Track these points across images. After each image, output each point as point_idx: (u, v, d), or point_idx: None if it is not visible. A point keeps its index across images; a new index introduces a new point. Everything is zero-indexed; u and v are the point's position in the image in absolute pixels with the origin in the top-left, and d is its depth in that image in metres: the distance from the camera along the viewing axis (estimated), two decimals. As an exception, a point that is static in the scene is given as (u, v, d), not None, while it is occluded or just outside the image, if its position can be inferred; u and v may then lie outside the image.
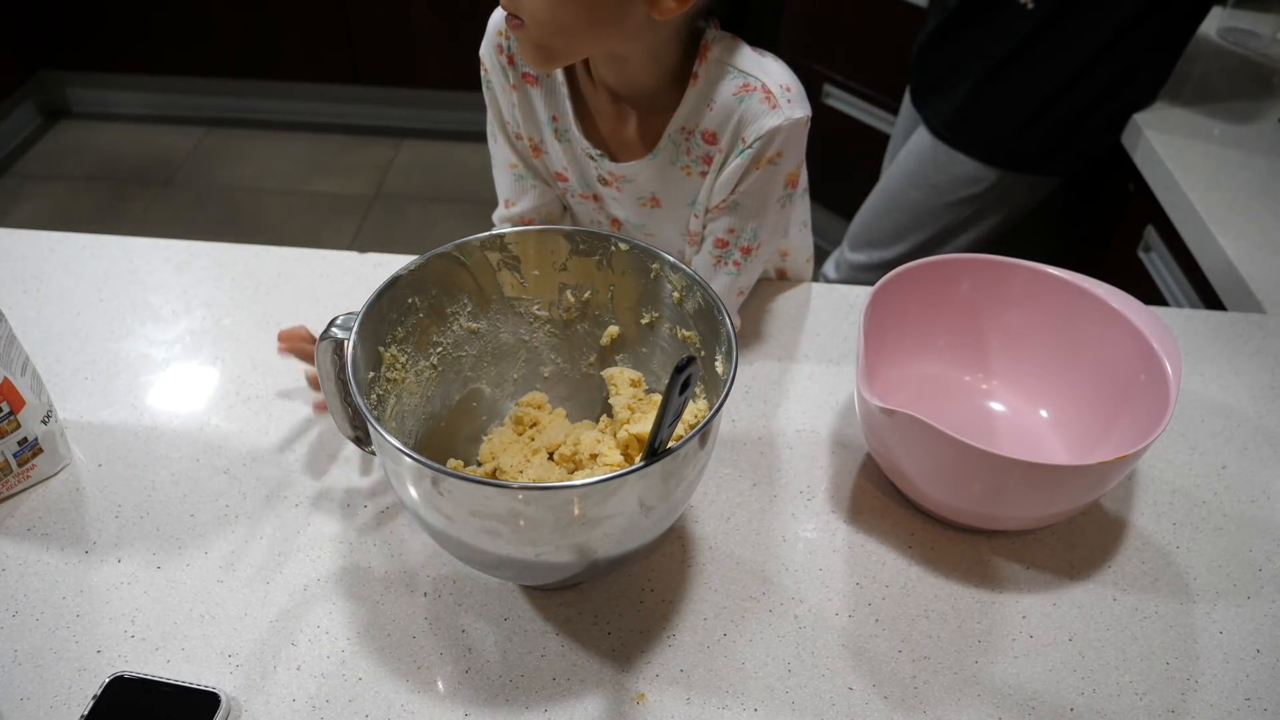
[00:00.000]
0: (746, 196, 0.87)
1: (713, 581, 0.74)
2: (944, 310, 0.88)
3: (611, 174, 0.93)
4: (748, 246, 0.90)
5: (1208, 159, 1.33)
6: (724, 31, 0.87)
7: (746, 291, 0.95)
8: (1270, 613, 0.74)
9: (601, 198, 0.99)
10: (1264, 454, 0.87)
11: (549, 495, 0.58)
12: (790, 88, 0.85)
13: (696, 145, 0.88)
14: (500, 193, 1.04)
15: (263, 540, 0.76)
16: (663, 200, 0.95)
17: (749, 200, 0.87)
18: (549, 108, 0.93)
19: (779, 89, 0.83)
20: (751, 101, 0.84)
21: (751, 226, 0.89)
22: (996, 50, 1.40)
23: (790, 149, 0.85)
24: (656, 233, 1.01)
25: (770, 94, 0.83)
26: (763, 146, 0.84)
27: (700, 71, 0.85)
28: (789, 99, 0.84)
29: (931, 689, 0.68)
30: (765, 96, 0.83)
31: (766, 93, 0.83)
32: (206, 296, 1.01)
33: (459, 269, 0.74)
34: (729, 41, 0.86)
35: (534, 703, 0.66)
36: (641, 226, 1.00)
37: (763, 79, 0.84)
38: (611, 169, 0.93)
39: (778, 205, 0.89)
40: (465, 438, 0.79)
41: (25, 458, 0.77)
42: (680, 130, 0.88)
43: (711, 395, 0.70)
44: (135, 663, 0.67)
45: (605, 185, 0.96)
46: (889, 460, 0.77)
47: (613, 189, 0.96)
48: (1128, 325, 0.79)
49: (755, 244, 0.90)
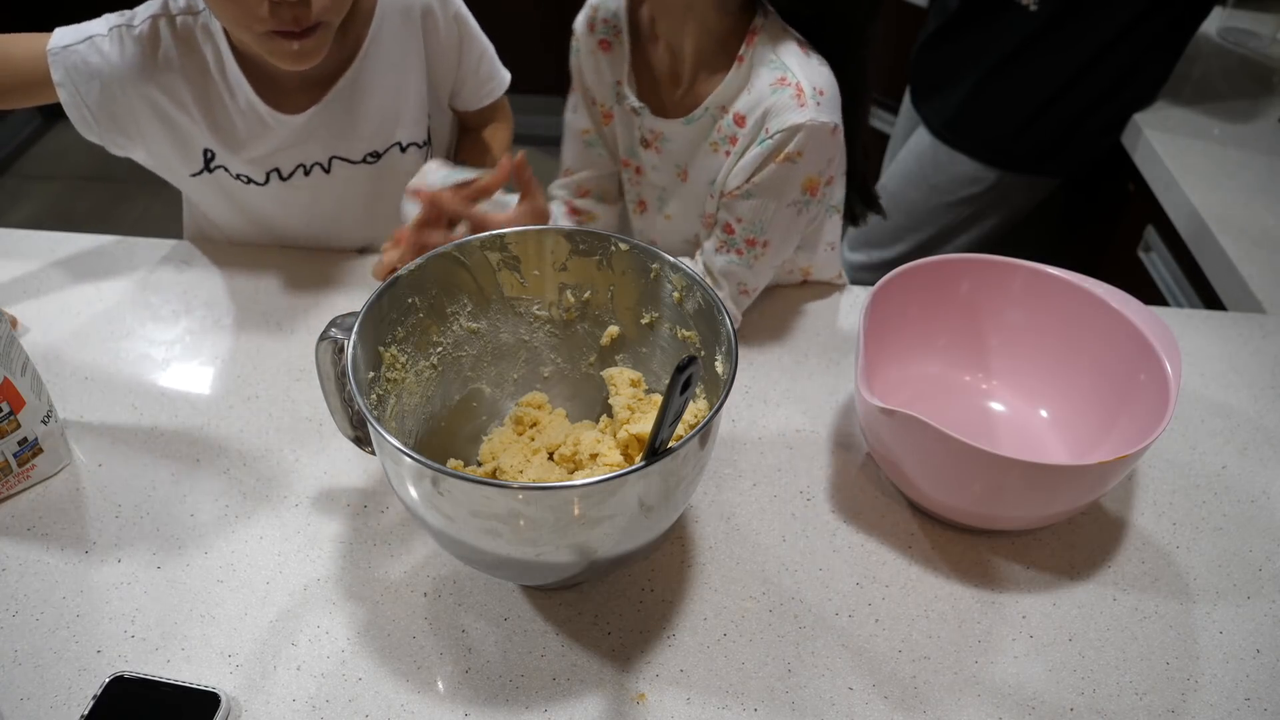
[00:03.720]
0: (760, 189, 0.88)
1: (713, 581, 0.74)
2: (944, 310, 0.88)
3: (652, 131, 0.98)
4: (752, 239, 0.91)
5: (1208, 159, 1.33)
6: (777, 21, 0.89)
7: (752, 292, 0.95)
8: (1270, 613, 0.74)
9: (643, 169, 1.03)
10: (1264, 454, 0.87)
11: (549, 495, 0.58)
12: (823, 92, 0.86)
13: (727, 125, 0.91)
14: (564, 161, 1.12)
15: (263, 540, 0.76)
16: (689, 173, 0.98)
17: (762, 193, 0.88)
18: (613, 72, 0.99)
19: (811, 90, 0.85)
20: (783, 95, 0.85)
21: (760, 220, 0.90)
22: (997, 50, 1.40)
23: (811, 152, 0.86)
24: (676, 214, 1.03)
25: (802, 92, 0.85)
26: (782, 140, 0.85)
27: (745, 55, 0.88)
28: (818, 102, 0.85)
29: (931, 689, 0.68)
30: (796, 94, 0.85)
31: (799, 90, 0.85)
32: (206, 296, 1.01)
33: (459, 269, 0.74)
34: (778, 32, 0.88)
35: (534, 703, 0.66)
36: (664, 205, 1.03)
37: (799, 77, 0.86)
38: (652, 125, 0.97)
39: (791, 209, 0.90)
40: (465, 438, 0.79)
41: (25, 458, 0.77)
42: (718, 106, 0.92)
43: (711, 395, 0.70)
44: (135, 663, 0.67)
45: (645, 147, 1.00)
46: (889, 460, 0.77)
47: (652, 151, 0.99)
48: (1128, 325, 0.79)
49: (761, 239, 0.91)
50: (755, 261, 0.92)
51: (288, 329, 0.97)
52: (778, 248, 0.93)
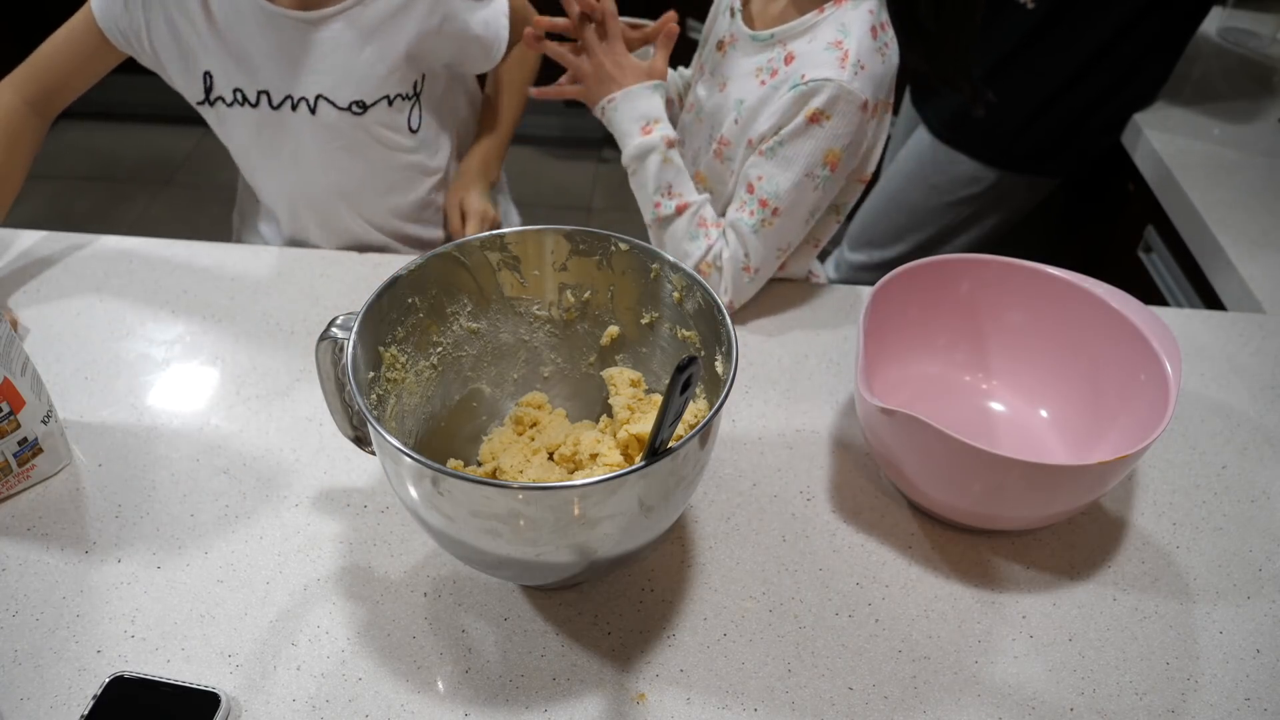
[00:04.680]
0: (784, 146, 0.92)
1: (713, 581, 0.74)
2: (944, 310, 0.88)
3: (732, 35, 1.02)
4: (765, 200, 0.94)
5: (1208, 159, 1.33)
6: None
7: (753, 271, 0.97)
8: (1270, 613, 0.74)
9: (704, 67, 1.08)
10: (1264, 454, 0.87)
11: (549, 495, 0.58)
12: (865, 67, 0.91)
13: (778, 59, 0.96)
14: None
15: (263, 540, 0.76)
16: (728, 86, 1.02)
17: (786, 150, 0.92)
18: None
19: (855, 61, 0.90)
20: (831, 54, 0.91)
21: (778, 184, 0.93)
22: (995, 50, 1.40)
23: (839, 117, 0.90)
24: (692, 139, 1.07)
25: (847, 57, 0.90)
26: (811, 90, 0.90)
27: (828, 10, 0.93)
28: (857, 72, 0.90)
29: (931, 689, 0.68)
30: (842, 57, 0.90)
31: (844, 55, 0.90)
32: (206, 296, 1.01)
33: (459, 269, 0.74)
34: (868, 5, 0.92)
35: (534, 703, 0.66)
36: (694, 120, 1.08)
37: (852, 46, 0.91)
38: (734, 29, 1.01)
39: (808, 181, 0.93)
40: (465, 438, 0.79)
41: (25, 458, 0.77)
42: (786, 38, 0.96)
43: (711, 395, 0.70)
44: (135, 663, 0.67)
45: (719, 49, 1.04)
46: (889, 460, 0.77)
47: (722, 54, 1.03)
48: (1128, 325, 0.79)
49: (775, 203, 0.94)
50: (762, 228, 0.95)
51: (288, 329, 0.97)
52: (784, 223, 0.95)
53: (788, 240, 0.97)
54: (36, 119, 1.06)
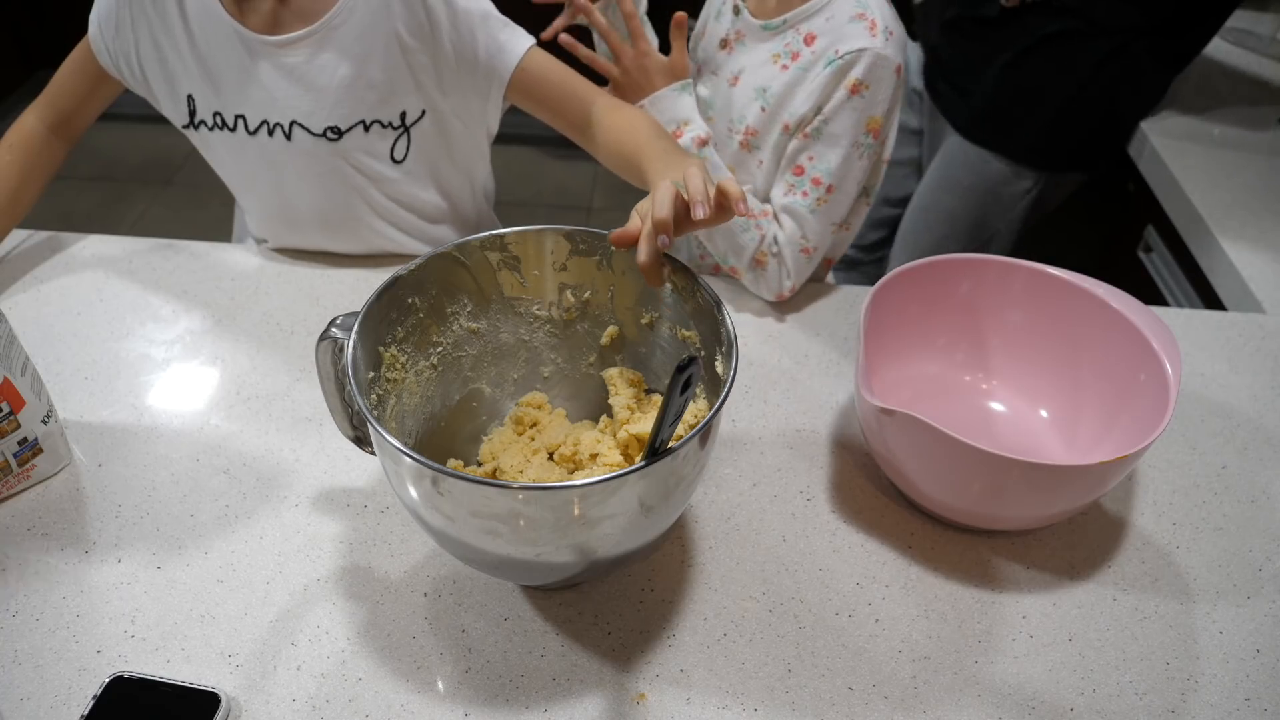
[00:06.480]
0: (828, 124, 0.97)
1: (713, 581, 0.74)
2: (944, 310, 0.88)
3: (738, 30, 1.06)
4: (819, 178, 0.98)
5: (1208, 159, 1.33)
6: None
7: (812, 251, 1.00)
8: (1270, 613, 0.74)
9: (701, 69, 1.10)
10: (1264, 454, 0.87)
11: (549, 495, 0.58)
12: (893, 33, 0.97)
13: (795, 41, 1.00)
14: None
15: (263, 540, 0.76)
16: (741, 78, 1.05)
17: (832, 128, 0.97)
18: None
19: (884, 28, 0.96)
20: (858, 26, 0.96)
21: (828, 159, 0.97)
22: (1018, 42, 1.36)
23: (876, 85, 0.96)
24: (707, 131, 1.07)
25: (875, 26, 0.96)
26: (849, 62, 0.95)
27: None
28: (887, 38, 0.96)
29: (931, 689, 0.68)
30: (870, 26, 0.96)
31: (872, 24, 0.96)
32: (206, 296, 1.01)
33: (459, 269, 0.74)
34: None
35: (534, 703, 0.66)
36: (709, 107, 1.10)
37: (876, 15, 0.96)
38: (741, 24, 1.05)
39: (854, 150, 0.97)
40: (465, 438, 0.79)
41: (25, 458, 0.77)
42: (796, 23, 1.00)
43: (711, 395, 0.70)
44: (135, 663, 0.67)
45: (724, 47, 1.08)
46: (889, 460, 0.77)
47: (727, 51, 1.07)
48: (1128, 325, 0.79)
49: (829, 180, 0.97)
50: (818, 207, 0.98)
51: (288, 329, 0.97)
52: (838, 197, 0.99)
53: (840, 214, 1.01)
54: (59, 141, 1.07)
